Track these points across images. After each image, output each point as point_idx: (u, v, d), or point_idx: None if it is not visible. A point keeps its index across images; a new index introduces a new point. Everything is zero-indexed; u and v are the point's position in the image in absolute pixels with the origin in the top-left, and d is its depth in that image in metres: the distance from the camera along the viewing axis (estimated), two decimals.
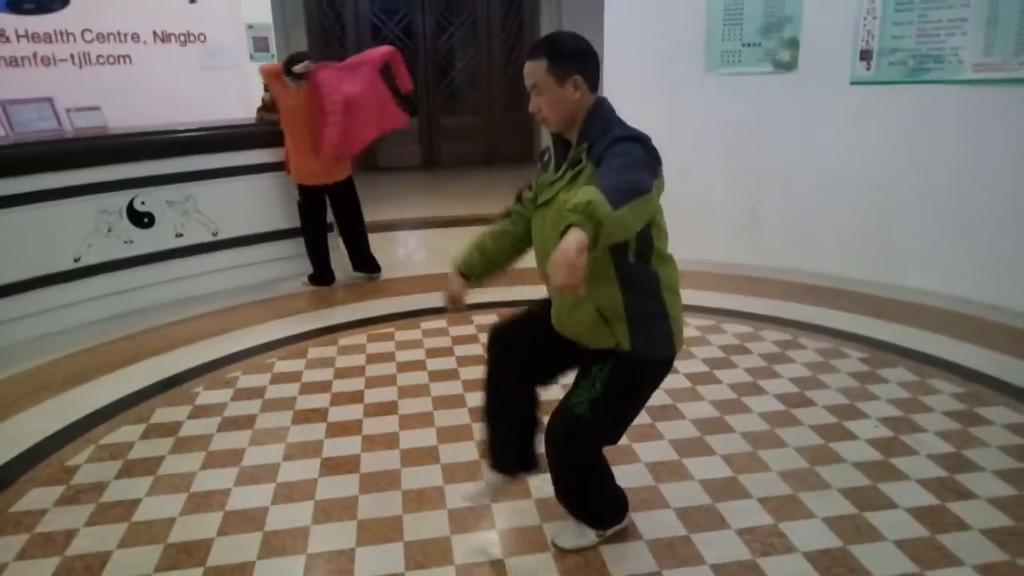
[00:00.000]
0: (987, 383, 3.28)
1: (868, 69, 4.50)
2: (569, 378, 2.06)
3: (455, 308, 2.15)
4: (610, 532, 2.26)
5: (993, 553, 2.19)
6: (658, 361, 1.92)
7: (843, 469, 2.65)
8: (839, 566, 2.15)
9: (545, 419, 2.09)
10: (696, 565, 2.18)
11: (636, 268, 1.80)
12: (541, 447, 2.14)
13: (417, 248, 6.32)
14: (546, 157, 2.01)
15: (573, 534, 2.23)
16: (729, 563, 2.18)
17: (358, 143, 4.57)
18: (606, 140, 1.74)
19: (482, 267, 2.11)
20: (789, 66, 4.75)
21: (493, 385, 2.15)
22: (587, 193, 1.49)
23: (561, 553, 2.22)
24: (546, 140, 2.12)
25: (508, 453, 2.21)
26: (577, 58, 1.83)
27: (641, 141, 1.74)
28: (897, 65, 4.40)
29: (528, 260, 2.13)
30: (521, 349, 2.09)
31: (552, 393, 2.18)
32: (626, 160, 1.65)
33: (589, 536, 2.22)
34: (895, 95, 4.43)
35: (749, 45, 4.83)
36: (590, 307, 1.83)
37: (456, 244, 2.26)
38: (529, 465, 2.23)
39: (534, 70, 1.83)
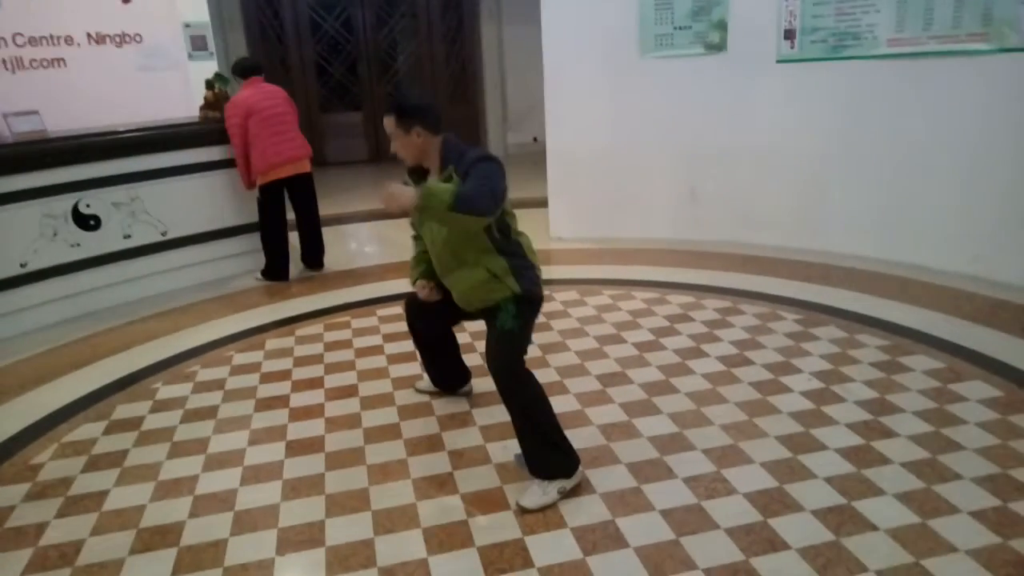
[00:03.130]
0: (909, 335, 3.54)
1: (792, 48, 4.74)
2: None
3: (434, 297, 2.72)
4: (569, 487, 2.40)
5: (912, 482, 2.41)
6: (536, 297, 2.50)
7: (779, 419, 2.85)
8: (775, 503, 2.34)
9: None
10: (646, 511, 2.34)
11: (502, 240, 2.42)
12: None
13: (368, 240, 6.37)
14: (406, 183, 2.53)
15: (536, 494, 2.37)
16: (676, 507, 2.35)
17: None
18: (468, 159, 2.31)
19: (429, 272, 2.72)
20: (719, 47, 4.96)
21: (417, 339, 3.02)
22: (443, 188, 2.10)
23: (521, 511, 2.36)
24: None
25: (445, 377, 3.13)
26: (415, 112, 2.35)
27: (492, 160, 2.33)
28: (818, 43, 4.64)
29: None
30: (427, 310, 2.81)
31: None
32: (484, 184, 2.20)
33: (551, 494, 2.37)
34: (819, 72, 4.67)
35: (680, 28, 5.02)
36: (482, 271, 2.42)
37: (403, 235, 2.66)
38: (462, 381, 3.14)
39: (388, 124, 2.37)
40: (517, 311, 2.43)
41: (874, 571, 2.02)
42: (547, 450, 2.42)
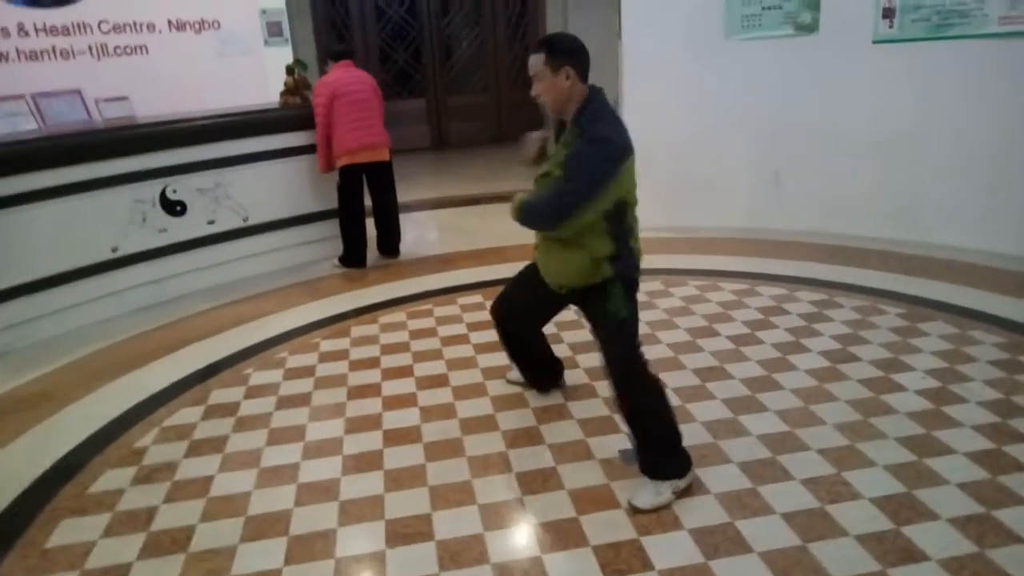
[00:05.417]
0: None
1: (891, 28, 4.50)
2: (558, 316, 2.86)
3: (532, 151, 2.68)
4: (682, 487, 2.31)
5: None
6: (633, 279, 2.39)
7: (897, 419, 2.70)
8: (907, 509, 2.21)
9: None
10: (766, 515, 2.23)
11: (615, 226, 2.29)
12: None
13: (436, 227, 6.32)
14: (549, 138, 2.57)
15: (650, 493, 2.28)
16: (798, 511, 2.24)
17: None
18: (587, 135, 2.19)
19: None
20: (811, 28, 4.74)
21: (505, 340, 2.91)
22: (517, 200, 2.35)
23: (633, 511, 2.27)
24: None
25: (538, 376, 3.03)
26: (569, 54, 2.23)
27: (604, 142, 2.18)
28: (920, 22, 4.40)
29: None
30: (516, 309, 2.78)
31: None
32: (560, 192, 2.21)
33: (665, 495, 2.28)
34: (920, 52, 4.43)
35: (769, 8, 4.82)
36: (584, 255, 2.31)
37: (473, 222, 2.60)
38: (556, 376, 3.05)
39: (535, 61, 2.26)
40: (625, 288, 2.31)
41: None
42: (664, 451, 2.33)
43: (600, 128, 2.19)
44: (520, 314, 2.80)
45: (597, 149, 2.17)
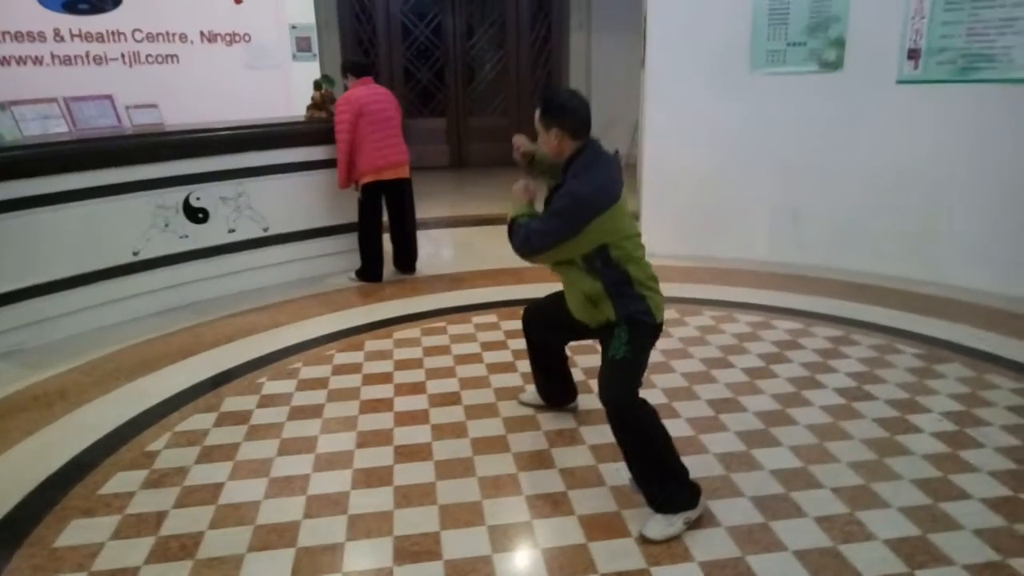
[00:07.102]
0: None
1: (916, 68, 4.51)
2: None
3: (519, 151, 2.76)
4: (694, 517, 2.29)
5: None
6: (647, 324, 2.36)
7: (912, 461, 2.68)
8: (921, 553, 2.18)
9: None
10: (778, 551, 2.21)
11: (604, 270, 2.33)
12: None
13: (452, 245, 6.35)
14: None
15: (661, 524, 2.26)
16: (810, 549, 2.21)
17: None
18: (566, 188, 2.32)
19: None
20: (835, 65, 4.77)
21: (531, 349, 2.96)
22: (516, 208, 2.51)
23: (643, 541, 2.25)
24: None
25: (553, 392, 3.06)
26: (558, 113, 2.35)
27: (575, 199, 2.27)
28: (946, 64, 4.41)
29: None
30: (543, 324, 2.87)
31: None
32: (538, 230, 2.34)
33: (676, 525, 2.26)
34: (943, 94, 4.44)
35: (794, 45, 4.85)
36: (579, 293, 2.42)
37: (489, 242, 2.65)
38: (569, 397, 3.08)
39: (536, 115, 2.41)
40: (629, 337, 2.33)
41: None
42: (665, 483, 2.30)
43: (578, 184, 2.30)
44: (542, 326, 2.88)
45: (569, 204, 2.28)
